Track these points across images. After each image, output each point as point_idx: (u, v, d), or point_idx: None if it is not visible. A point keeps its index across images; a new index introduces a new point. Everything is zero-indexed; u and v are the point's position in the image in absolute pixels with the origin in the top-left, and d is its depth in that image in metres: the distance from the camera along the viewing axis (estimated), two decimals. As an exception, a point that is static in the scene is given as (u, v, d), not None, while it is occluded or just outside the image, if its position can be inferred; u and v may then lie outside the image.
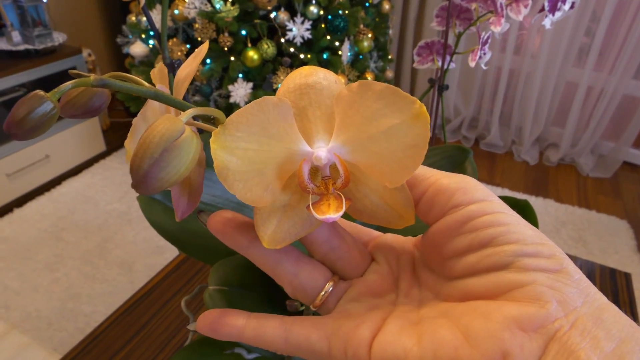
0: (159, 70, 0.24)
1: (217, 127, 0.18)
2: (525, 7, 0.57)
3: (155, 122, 0.17)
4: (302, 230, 0.21)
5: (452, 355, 0.18)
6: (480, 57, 0.59)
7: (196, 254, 0.38)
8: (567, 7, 0.58)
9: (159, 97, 0.19)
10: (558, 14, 0.58)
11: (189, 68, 0.22)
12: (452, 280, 0.20)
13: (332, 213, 0.18)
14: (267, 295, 0.34)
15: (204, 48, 0.22)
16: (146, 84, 0.21)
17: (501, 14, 0.56)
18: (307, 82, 0.19)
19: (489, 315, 0.18)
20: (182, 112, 0.20)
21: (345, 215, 0.21)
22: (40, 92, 0.17)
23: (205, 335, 0.46)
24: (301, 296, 0.23)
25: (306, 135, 0.19)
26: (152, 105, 0.23)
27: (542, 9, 0.59)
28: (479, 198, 0.20)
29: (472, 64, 0.58)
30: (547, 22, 0.59)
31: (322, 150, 0.19)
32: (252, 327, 0.21)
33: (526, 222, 0.20)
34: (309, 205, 0.19)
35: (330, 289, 0.23)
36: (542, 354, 0.17)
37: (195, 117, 0.20)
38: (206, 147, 0.20)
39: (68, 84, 0.18)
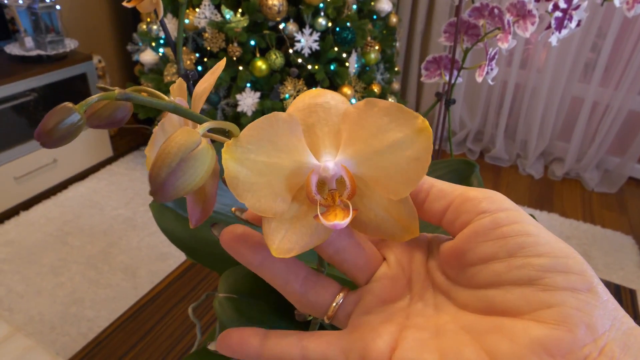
0: (178, 85, 0.25)
1: (230, 140, 0.19)
2: (532, 24, 0.58)
3: (174, 134, 0.18)
4: (310, 241, 0.21)
5: None
6: (487, 72, 0.60)
7: (206, 261, 0.39)
8: (573, 25, 0.59)
9: (177, 111, 0.20)
10: (564, 32, 0.59)
11: (207, 83, 0.23)
12: (474, 289, 0.20)
13: (339, 220, 0.19)
14: (276, 304, 0.35)
15: (221, 64, 0.23)
16: (166, 97, 0.22)
17: (508, 31, 0.57)
18: (316, 101, 0.20)
19: (515, 337, 0.17)
20: (198, 125, 0.21)
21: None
22: (69, 104, 0.18)
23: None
24: (311, 312, 0.23)
25: (314, 150, 0.20)
26: (170, 118, 0.24)
27: (549, 26, 0.60)
28: (507, 207, 0.20)
29: (480, 80, 0.58)
30: (554, 39, 0.60)
31: (330, 162, 0.20)
32: (269, 347, 0.22)
33: (553, 235, 0.20)
34: (316, 214, 0.19)
35: (341, 300, 0.23)
36: None
37: (210, 130, 0.21)
38: (220, 158, 0.21)
39: (94, 97, 0.19)
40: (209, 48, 1.49)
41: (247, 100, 1.50)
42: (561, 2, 0.57)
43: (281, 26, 1.48)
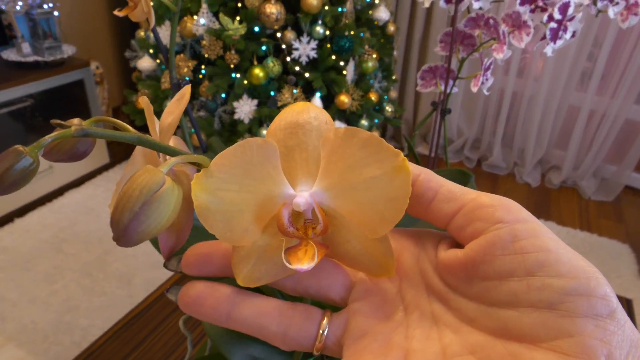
0: (146, 105, 0.23)
1: (201, 171, 0.18)
2: (528, 34, 0.58)
3: (135, 175, 0.17)
4: (281, 271, 0.21)
5: None
6: (482, 82, 0.60)
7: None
8: (568, 35, 0.59)
9: (143, 143, 0.19)
10: (559, 42, 0.59)
11: (173, 115, 0.22)
12: (485, 305, 0.18)
13: (305, 263, 0.18)
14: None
15: (186, 92, 0.22)
16: (131, 129, 0.21)
17: (504, 41, 0.57)
18: (298, 120, 0.19)
19: None
20: (167, 157, 0.20)
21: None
22: (19, 148, 0.17)
23: (204, 355, 0.45)
24: (299, 349, 0.21)
25: (291, 177, 0.19)
26: (140, 150, 0.23)
27: (544, 37, 0.60)
28: (524, 217, 0.18)
29: (475, 90, 0.58)
30: (549, 50, 0.60)
31: (302, 197, 0.19)
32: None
33: (572, 250, 0.18)
34: (284, 250, 0.19)
35: (326, 328, 0.21)
36: None
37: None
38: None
39: (47, 137, 0.18)
40: (206, 55, 1.49)
41: (245, 107, 1.50)
42: (556, 14, 0.57)
43: (279, 34, 1.48)
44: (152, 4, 0.40)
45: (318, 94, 1.54)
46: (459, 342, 0.18)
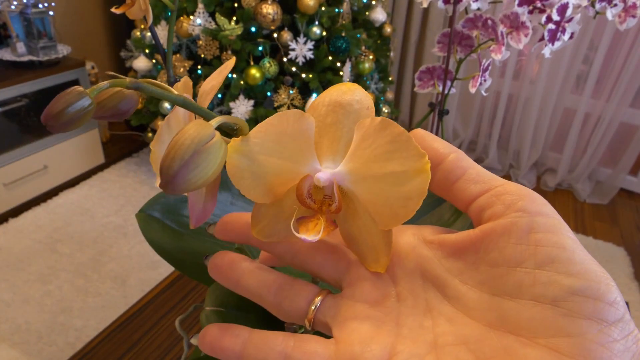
0: (184, 83, 0.24)
1: (239, 137, 0.19)
2: (526, 36, 0.58)
3: (187, 126, 0.18)
4: (290, 234, 0.21)
5: None
6: (480, 83, 0.60)
7: (193, 273, 0.38)
8: (566, 37, 0.59)
9: (186, 105, 0.20)
10: (557, 44, 0.59)
11: (215, 81, 0.23)
12: (486, 293, 0.18)
13: (311, 234, 0.19)
14: (265, 318, 0.34)
15: (229, 64, 0.23)
16: (175, 91, 0.22)
17: (502, 42, 0.57)
18: (341, 100, 0.20)
19: None
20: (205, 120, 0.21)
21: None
22: (80, 88, 0.18)
23: (199, 356, 0.45)
24: (292, 320, 0.22)
25: (320, 152, 0.20)
26: (176, 114, 0.24)
27: (542, 38, 0.60)
28: (547, 212, 0.18)
29: (473, 91, 0.58)
30: (547, 51, 0.60)
31: (325, 173, 0.20)
32: (254, 344, 0.20)
33: (589, 255, 0.18)
34: (296, 218, 0.20)
35: (319, 304, 0.21)
36: None
37: (221, 125, 0.21)
38: None
39: (105, 83, 0.19)
40: (202, 55, 1.48)
41: (241, 108, 1.49)
42: (554, 15, 0.57)
43: (275, 34, 1.48)
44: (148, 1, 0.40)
45: (315, 95, 1.54)
46: (453, 332, 0.18)
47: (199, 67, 1.53)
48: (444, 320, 0.19)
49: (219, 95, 1.56)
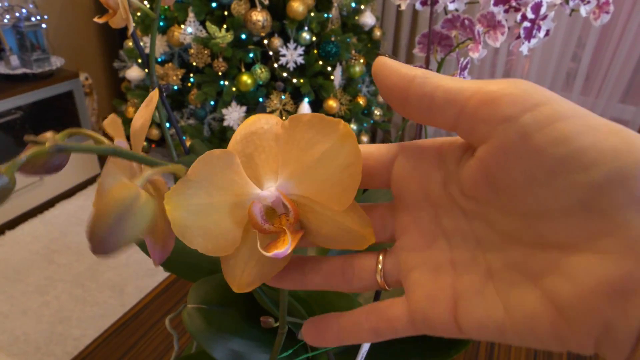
0: (111, 122, 0.23)
1: (169, 190, 0.19)
2: (502, 34, 0.60)
3: (110, 189, 0.18)
4: (271, 270, 0.22)
5: (550, 332, 0.16)
6: (460, 81, 0.61)
7: (179, 271, 0.39)
8: (542, 34, 0.61)
9: (118, 154, 0.20)
10: (534, 41, 0.61)
11: (143, 119, 0.22)
12: (517, 217, 0.17)
13: (280, 248, 0.19)
14: (246, 312, 0.35)
15: (154, 96, 0.23)
16: (106, 141, 0.22)
17: (479, 41, 0.59)
18: (251, 130, 0.20)
19: (578, 279, 0.15)
20: (143, 166, 0.21)
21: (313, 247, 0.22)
22: None
23: (190, 353, 0.46)
24: (368, 290, 0.22)
25: (257, 180, 0.20)
26: (114, 161, 0.23)
27: (519, 37, 0.61)
28: (533, 104, 0.15)
29: (452, 89, 0.60)
30: (524, 49, 0.62)
31: (268, 191, 0.20)
32: (345, 335, 0.21)
33: (600, 121, 0.15)
34: (262, 245, 0.20)
35: (381, 270, 0.21)
36: None
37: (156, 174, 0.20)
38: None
39: (22, 156, 0.18)
40: (194, 64, 1.50)
41: (234, 114, 1.51)
42: (529, 13, 0.58)
43: (266, 41, 1.50)
44: (135, 11, 0.41)
45: (306, 100, 1.56)
46: (501, 258, 0.18)
47: (191, 75, 1.55)
48: (494, 250, 0.18)
49: (212, 103, 1.57)
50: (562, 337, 0.16)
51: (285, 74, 1.52)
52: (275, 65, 1.51)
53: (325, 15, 1.54)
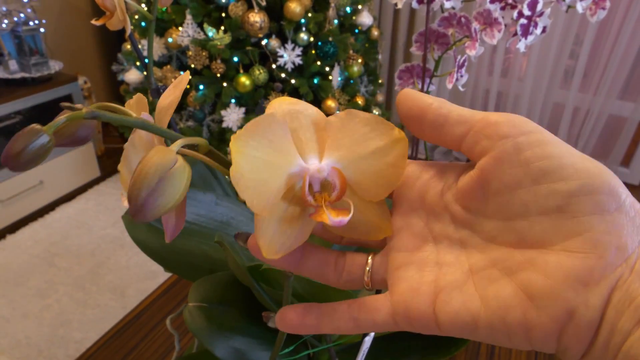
0: (136, 100, 0.24)
1: (202, 153, 0.20)
2: (499, 31, 0.60)
3: (150, 153, 0.18)
4: (294, 243, 0.22)
5: (520, 320, 0.18)
6: (457, 79, 0.61)
7: (180, 271, 0.39)
8: (538, 31, 0.61)
9: (146, 127, 0.21)
10: (530, 38, 0.61)
11: (172, 97, 0.23)
12: (502, 220, 0.20)
13: (342, 216, 0.20)
14: (247, 310, 0.35)
15: (184, 78, 0.24)
16: (133, 114, 0.23)
17: (476, 39, 0.59)
18: (296, 108, 0.22)
19: (549, 272, 0.18)
20: (165, 140, 0.22)
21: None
22: (37, 126, 0.18)
23: (191, 353, 0.46)
24: (354, 287, 0.24)
25: (301, 154, 0.21)
26: (139, 133, 0.24)
27: (516, 34, 0.61)
28: (529, 129, 0.19)
29: (449, 86, 0.60)
30: (522, 46, 0.62)
31: (325, 163, 0.21)
32: (325, 324, 0.23)
33: (578, 152, 0.19)
34: (311, 214, 0.21)
35: (370, 267, 0.23)
36: (605, 304, 0.17)
37: (183, 146, 0.21)
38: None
39: (62, 117, 0.19)
40: (192, 65, 1.50)
41: (232, 116, 1.51)
42: (525, 10, 0.59)
43: (264, 42, 1.50)
44: (132, 15, 0.41)
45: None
46: (484, 258, 0.20)
47: (190, 77, 1.55)
48: (477, 252, 0.20)
49: (211, 105, 1.57)
50: (530, 326, 0.18)
51: (283, 75, 1.52)
52: (274, 66, 1.52)
53: (322, 15, 1.54)
